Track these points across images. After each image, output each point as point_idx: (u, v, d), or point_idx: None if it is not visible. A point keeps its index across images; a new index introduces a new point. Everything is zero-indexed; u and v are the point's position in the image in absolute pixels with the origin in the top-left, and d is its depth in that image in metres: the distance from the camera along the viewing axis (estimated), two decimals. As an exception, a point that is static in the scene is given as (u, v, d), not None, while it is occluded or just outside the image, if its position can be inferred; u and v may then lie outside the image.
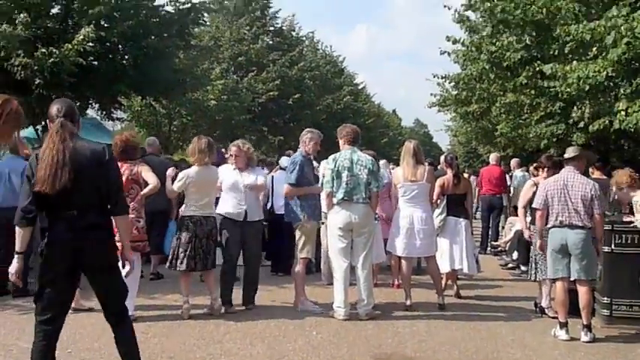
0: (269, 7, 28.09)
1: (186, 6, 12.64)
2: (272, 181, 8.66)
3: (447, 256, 7.22)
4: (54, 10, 11.38)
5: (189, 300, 6.14)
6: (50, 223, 3.46)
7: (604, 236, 5.87)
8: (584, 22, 8.27)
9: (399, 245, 6.73)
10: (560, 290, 5.68)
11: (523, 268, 8.38)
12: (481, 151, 31.61)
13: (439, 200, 7.35)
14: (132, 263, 3.80)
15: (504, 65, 10.70)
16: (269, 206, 8.73)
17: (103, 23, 11.27)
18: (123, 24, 11.13)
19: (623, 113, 8.14)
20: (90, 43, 10.30)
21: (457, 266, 7.28)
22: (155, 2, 12.40)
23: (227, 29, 26.36)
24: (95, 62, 10.98)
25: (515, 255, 9.41)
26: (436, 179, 7.32)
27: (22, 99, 9.75)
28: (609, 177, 8.20)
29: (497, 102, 14.11)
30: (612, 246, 6.01)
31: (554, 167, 6.39)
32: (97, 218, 3.51)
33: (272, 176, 8.94)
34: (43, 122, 11.92)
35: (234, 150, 6.53)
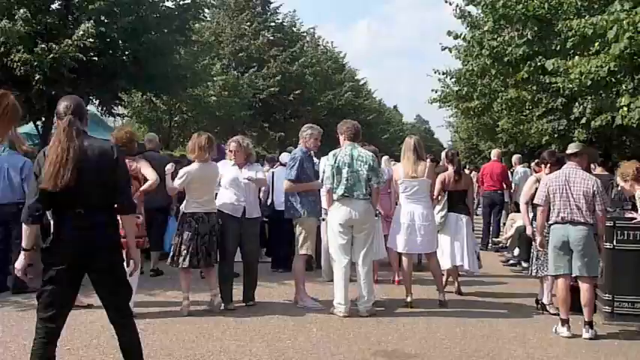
0: (270, 3, 28.05)
1: (186, 1, 12.59)
2: (272, 177, 8.64)
3: (448, 253, 7.20)
4: (54, 6, 11.34)
5: (189, 296, 6.13)
6: (56, 221, 3.46)
7: (606, 233, 5.84)
8: (586, 17, 8.22)
9: (400, 241, 6.70)
10: (561, 287, 5.65)
11: (524, 265, 8.34)
12: (482, 147, 31.61)
13: (440, 196, 7.32)
14: (137, 263, 3.79)
15: (506, 61, 10.65)
16: (269, 202, 8.71)
17: (103, 19, 11.22)
18: (123, 19, 11.09)
19: (625, 109, 8.10)
20: (90, 39, 10.25)
21: (458, 263, 7.26)
22: (155, -3, 12.35)
23: (228, 25, 26.32)
24: (95, 58, 10.93)
25: (516, 251, 9.39)
26: (437, 175, 7.30)
27: (22, 95, 9.76)
28: (611, 173, 8.17)
29: (498, 98, 14.07)
30: (614, 242, 5.98)
31: (557, 163, 6.35)
32: (104, 217, 3.50)
33: (272, 172, 8.92)
34: (43, 118, 11.91)
35: (233, 146, 6.50)
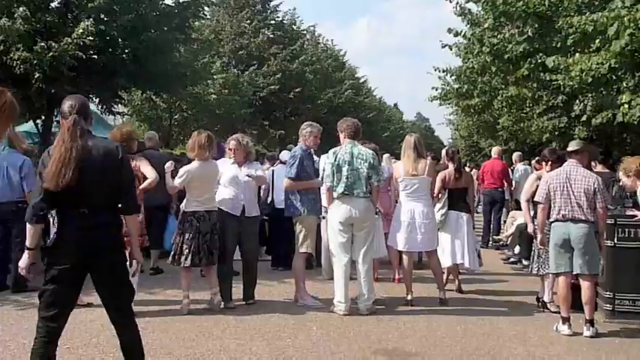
0: (270, 1, 27.98)
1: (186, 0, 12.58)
2: (273, 175, 8.62)
3: (449, 251, 7.19)
4: (53, 4, 11.30)
5: (189, 295, 6.12)
6: (60, 221, 3.45)
7: (607, 230, 5.82)
8: (586, 14, 8.19)
9: (400, 239, 6.68)
10: (562, 285, 5.63)
11: (525, 263, 8.33)
12: (483, 145, 31.60)
13: (440, 194, 7.30)
14: (140, 263, 3.78)
15: (506, 58, 10.62)
16: (269, 200, 8.70)
17: (103, 17, 11.19)
18: (122, 18, 11.06)
19: (626, 106, 8.07)
20: (89, 37, 10.22)
21: (459, 261, 7.25)
22: (155, -5, 12.31)
23: (227, 23, 26.29)
24: (95, 56, 10.91)
25: (517, 249, 9.38)
26: (437, 173, 7.28)
27: (22, 93, 9.74)
28: (612, 170, 8.15)
29: (498, 95, 14.05)
30: (615, 240, 5.97)
31: (557, 161, 6.33)
32: (107, 217, 3.50)
33: (272, 170, 8.91)
34: (43, 116, 11.88)
35: (232, 144, 6.49)
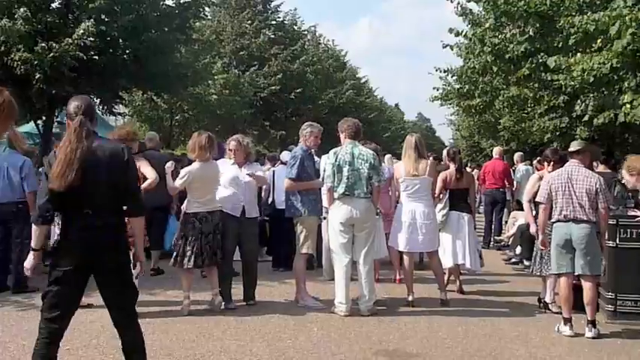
0: (271, 1, 27.97)
1: (187, 0, 12.56)
2: (273, 176, 8.61)
3: (450, 251, 7.17)
4: (54, 5, 11.30)
5: (189, 296, 6.10)
6: (65, 222, 3.46)
7: (609, 231, 5.80)
8: (588, 13, 8.17)
9: (401, 240, 6.66)
10: (564, 286, 5.61)
11: (526, 263, 8.31)
12: (484, 145, 31.55)
13: (442, 195, 7.28)
14: (143, 265, 3.78)
15: (507, 58, 10.59)
16: (270, 201, 8.68)
17: (104, 17, 11.19)
18: (123, 18, 11.06)
19: (628, 106, 8.04)
20: (90, 38, 10.24)
21: (460, 261, 7.22)
22: (156, -4, 12.30)
23: (228, 23, 26.28)
24: (96, 57, 10.91)
25: (518, 250, 9.37)
26: (439, 173, 7.25)
27: (22, 93, 9.73)
28: (614, 171, 8.12)
29: (500, 95, 14.01)
30: (617, 241, 5.95)
31: (559, 161, 6.31)
32: (112, 218, 3.49)
33: (273, 171, 8.90)
34: (44, 117, 11.89)
35: (233, 145, 6.48)
